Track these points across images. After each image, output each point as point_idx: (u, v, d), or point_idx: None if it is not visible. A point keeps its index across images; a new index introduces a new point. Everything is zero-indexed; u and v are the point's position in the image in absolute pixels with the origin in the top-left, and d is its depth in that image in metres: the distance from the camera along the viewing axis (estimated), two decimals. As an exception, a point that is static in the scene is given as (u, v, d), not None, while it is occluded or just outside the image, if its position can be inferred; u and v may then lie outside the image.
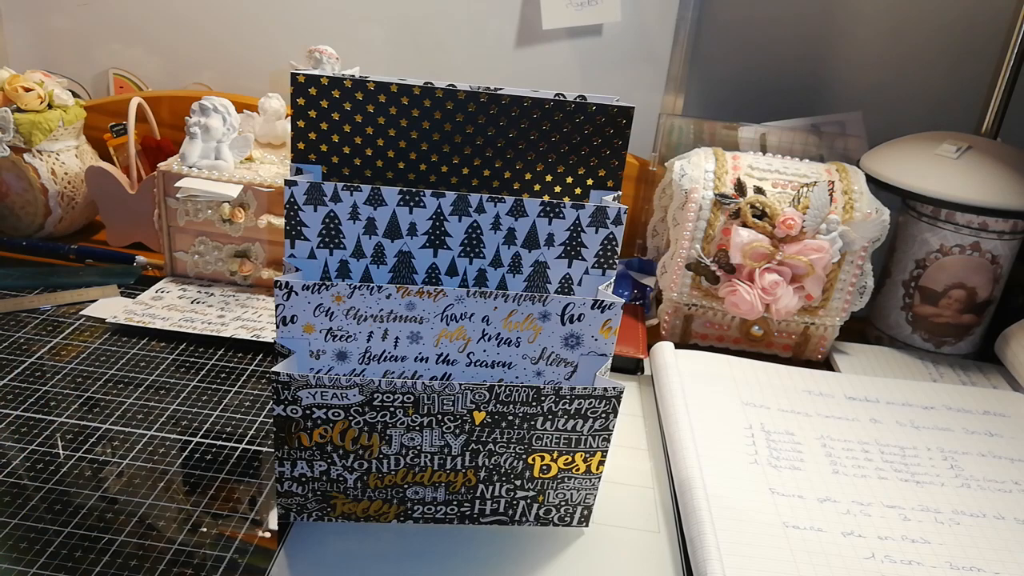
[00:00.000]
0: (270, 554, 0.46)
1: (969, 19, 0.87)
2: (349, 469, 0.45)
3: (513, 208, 0.45)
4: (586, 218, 0.46)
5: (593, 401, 0.44)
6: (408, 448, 0.45)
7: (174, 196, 0.74)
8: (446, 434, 0.44)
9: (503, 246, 0.46)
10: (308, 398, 0.42)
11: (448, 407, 0.43)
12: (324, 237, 0.45)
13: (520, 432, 0.45)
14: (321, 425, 0.43)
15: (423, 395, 0.43)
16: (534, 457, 0.46)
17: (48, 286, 0.74)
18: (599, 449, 0.46)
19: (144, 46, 0.97)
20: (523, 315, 0.45)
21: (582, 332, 0.45)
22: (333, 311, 0.43)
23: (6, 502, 0.48)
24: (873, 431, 0.62)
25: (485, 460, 0.46)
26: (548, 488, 0.47)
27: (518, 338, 0.45)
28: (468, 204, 0.45)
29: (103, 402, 0.58)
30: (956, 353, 0.77)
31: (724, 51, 0.91)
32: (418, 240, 0.46)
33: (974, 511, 0.54)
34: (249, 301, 0.74)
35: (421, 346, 0.45)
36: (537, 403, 0.44)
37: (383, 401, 0.43)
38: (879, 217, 0.69)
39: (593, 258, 0.47)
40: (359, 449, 0.44)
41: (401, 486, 0.46)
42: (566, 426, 0.45)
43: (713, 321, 0.74)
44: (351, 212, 0.45)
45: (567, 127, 0.47)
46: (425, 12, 0.92)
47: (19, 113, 0.78)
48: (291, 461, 0.45)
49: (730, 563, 0.47)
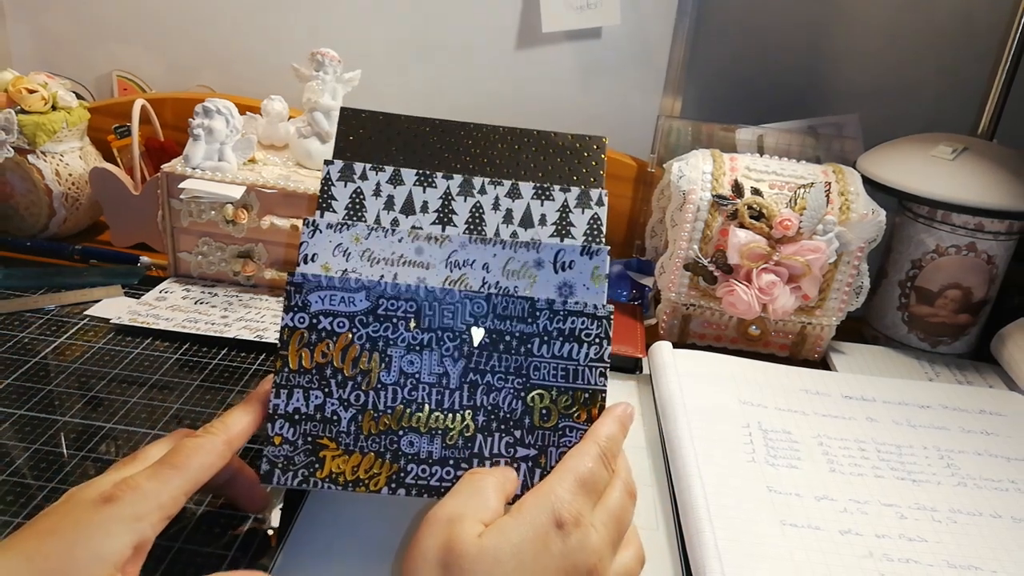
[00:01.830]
0: (272, 553, 0.46)
1: (965, 21, 0.87)
2: (345, 403, 0.46)
3: (510, 191, 0.51)
4: (573, 200, 0.52)
5: (586, 320, 0.47)
6: (407, 376, 0.46)
7: (178, 197, 0.74)
8: (445, 358, 0.46)
9: (502, 225, 0.51)
10: (317, 303, 0.46)
11: (448, 321, 0.47)
12: (349, 210, 0.50)
13: (518, 359, 0.47)
14: (325, 339, 0.46)
15: (425, 303, 0.46)
16: (533, 397, 0.47)
17: (52, 286, 0.74)
18: (598, 388, 0.47)
19: (147, 48, 0.98)
20: (519, 262, 0.49)
21: (574, 281, 0.49)
22: (350, 251, 0.48)
23: (10, 501, 0.48)
24: (870, 430, 0.62)
25: (483, 398, 0.46)
26: (550, 444, 0.47)
27: (516, 287, 0.49)
28: (472, 186, 0.51)
29: (107, 401, 0.59)
30: (952, 353, 0.78)
31: (722, 54, 0.92)
32: (429, 217, 0.51)
33: (971, 510, 0.55)
34: (252, 301, 0.75)
35: None
36: (532, 320, 0.47)
37: (387, 310, 0.46)
38: (875, 218, 0.69)
39: (582, 236, 0.51)
40: (358, 375, 0.46)
41: (396, 432, 0.46)
42: (562, 351, 0.47)
43: (711, 321, 0.74)
44: (375, 189, 0.51)
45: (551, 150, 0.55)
46: (426, 15, 0.92)
47: (23, 115, 0.79)
48: (287, 390, 0.46)
49: (728, 561, 0.47)
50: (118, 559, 0.36)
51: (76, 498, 0.38)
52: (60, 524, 0.37)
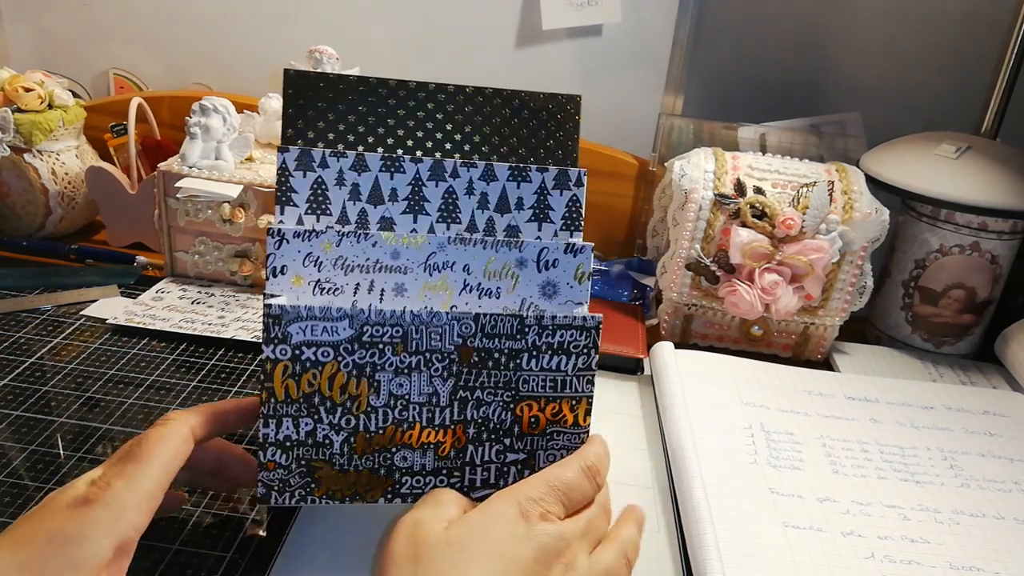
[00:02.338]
0: (271, 553, 0.46)
1: (968, 20, 0.87)
2: (336, 428, 0.45)
3: (484, 172, 0.48)
4: (551, 180, 0.49)
5: (575, 332, 0.46)
6: (396, 398, 0.45)
7: (174, 196, 0.74)
8: (434, 378, 0.45)
9: (477, 211, 0.49)
10: (298, 333, 0.43)
11: (436, 343, 0.45)
12: (312, 203, 0.47)
13: (507, 374, 0.46)
14: (310, 369, 0.44)
15: (411, 327, 0.44)
16: (522, 407, 0.46)
17: (48, 286, 0.74)
18: (584, 395, 0.47)
19: (144, 46, 0.97)
20: (501, 263, 0.47)
21: (558, 279, 0.47)
22: (322, 260, 0.45)
23: (7, 502, 0.48)
24: (873, 431, 0.62)
25: (474, 412, 0.46)
26: (538, 448, 0.47)
27: (498, 288, 0.47)
28: (444, 169, 0.48)
29: (103, 402, 0.58)
30: (956, 353, 0.77)
31: (724, 51, 0.91)
32: (399, 206, 0.48)
33: (974, 511, 0.54)
34: (249, 301, 0.74)
35: (406, 299, 0.47)
36: (521, 336, 0.45)
37: (372, 336, 0.44)
38: (879, 217, 0.69)
39: (560, 220, 0.50)
40: (347, 400, 0.45)
41: (388, 450, 0.46)
42: (551, 364, 0.46)
43: (713, 321, 0.74)
44: (337, 178, 0.47)
45: (525, 112, 0.51)
46: (425, 12, 0.92)
47: (19, 113, 0.78)
48: (276, 419, 0.44)
49: (730, 563, 0.47)
50: (98, 563, 0.36)
51: (52, 504, 0.38)
52: (36, 533, 0.36)
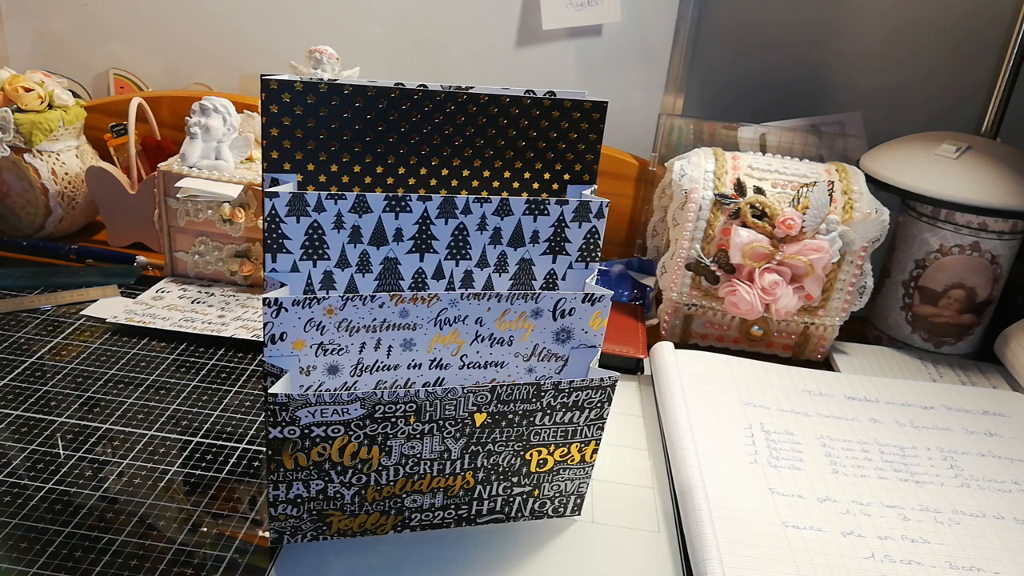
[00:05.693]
0: (270, 554, 0.46)
1: (969, 20, 0.87)
2: (347, 485, 0.44)
3: (499, 207, 0.45)
4: (570, 213, 0.46)
5: (590, 392, 0.45)
6: (407, 457, 0.44)
7: (174, 196, 0.74)
8: (446, 439, 0.44)
9: (489, 246, 0.46)
10: (307, 417, 0.41)
11: (450, 412, 0.43)
12: (307, 249, 0.43)
13: (520, 430, 0.45)
14: (320, 443, 0.42)
15: (425, 402, 0.42)
16: (531, 453, 0.46)
17: (48, 286, 0.74)
18: (593, 438, 0.47)
19: (144, 46, 0.97)
20: (516, 314, 0.44)
21: (573, 326, 0.46)
22: (324, 325, 0.42)
23: (6, 502, 0.48)
24: (873, 431, 0.62)
25: (484, 461, 0.46)
26: (544, 481, 0.47)
27: (511, 336, 0.45)
28: (455, 206, 0.44)
29: (103, 402, 0.58)
30: (956, 353, 0.77)
31: (724, 52, 0.91)
32: (404, 245, 0.45)
33: (974, 511, 0.54)
34: (249, 301, 0.74)
35: (415, 353, 0.44)
36: (537, 399, 0.44)
37: (384, 412, 0.42)
38: (879, 217, 0.69)
39: (576, 252, 0.47)
40: (358, 464, 0.43)
41: (399, 496, 0.46)
42: (563, 419, 0.45)
43: (713, 321, 0.74)
44: (335, 221, 0.43)
45: (544, 123, 0.47)
46: (425, 12, 0.92)
47: (19, 113, 0.78)
48: (286, 483, 0.43)
49: (730, 563, 0.47)
50: None
51: None
52: None
